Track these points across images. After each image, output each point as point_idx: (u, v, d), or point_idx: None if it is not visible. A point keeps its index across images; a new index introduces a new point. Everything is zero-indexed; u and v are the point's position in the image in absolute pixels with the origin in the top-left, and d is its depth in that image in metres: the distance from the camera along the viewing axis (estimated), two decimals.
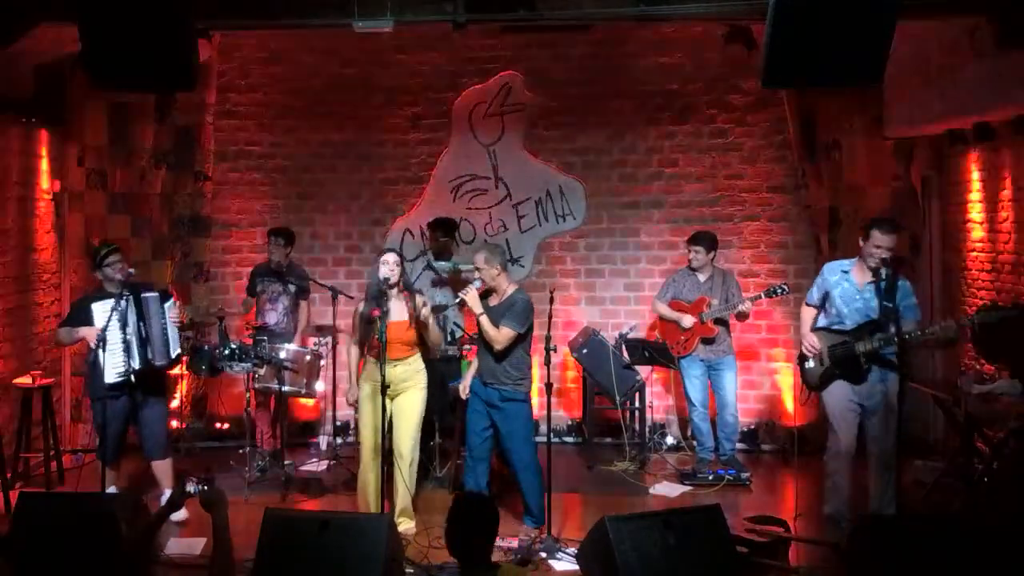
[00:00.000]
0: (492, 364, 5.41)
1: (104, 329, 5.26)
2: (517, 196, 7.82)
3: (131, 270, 5.50)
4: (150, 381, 5.58)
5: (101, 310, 5.34)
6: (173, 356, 5.65)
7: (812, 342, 5.26)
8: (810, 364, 5.28)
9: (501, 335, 5.30)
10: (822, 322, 5.34)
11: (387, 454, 5.36)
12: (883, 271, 5.05)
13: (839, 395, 5.20)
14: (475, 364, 5.62)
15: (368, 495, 5.42)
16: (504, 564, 3.59)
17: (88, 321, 5.39)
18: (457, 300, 5.48)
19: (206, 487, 3.52)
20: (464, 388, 5.63)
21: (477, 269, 5.41)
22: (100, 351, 5.31)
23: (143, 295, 5.55)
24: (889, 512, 5.05)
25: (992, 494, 5.63)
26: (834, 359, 5.16)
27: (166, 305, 5.62)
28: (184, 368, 6.84)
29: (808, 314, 5.47)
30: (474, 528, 3.28)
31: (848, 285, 5.19)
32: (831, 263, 5.46)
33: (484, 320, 5.34)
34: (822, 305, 5.37)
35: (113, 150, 7.24)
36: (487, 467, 5.64)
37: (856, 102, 7.06)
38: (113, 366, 5.39)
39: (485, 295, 5.46)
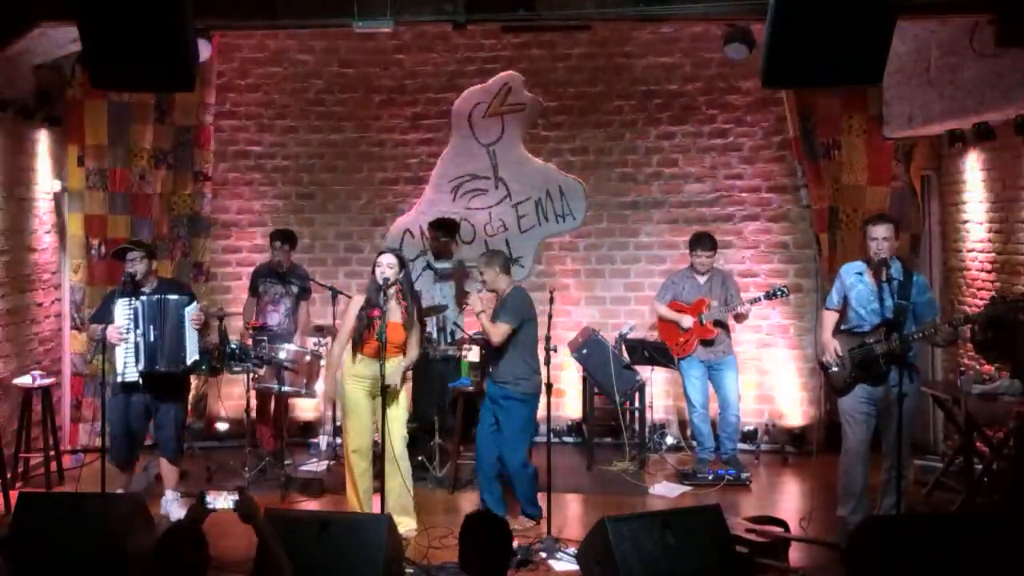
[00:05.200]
0: (496, 361, 5.53)
1: (113, 326, 5.28)
2: (517, 196, 7.81)
3: (133, 271, 5.47)
4: (165, 384, 5.56)
5: (120, 305, 5.36)
6: (189, 363, 5.57)
7: (832, 348, 5.23)
8: (834, 369, 5.24)
9: (496, 330, 5.41)
10: (843, 326, 5.32)
11: (377, 457, 5.36)
12: (894, 267, 5.05)
13: (853, 395, 5.17)
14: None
15: (361, 498, 5.39)
16: None
17: (110, 315, 5.40)
18: (470, 294, 5.51)
19: (240, 498, 3.35)
20: None
21: (480, 273, 5.49)
22: (112, 348, 5.32)
23: (160, 297, 5.51)
24: (889, 512, 5.05)
25: (992, 494, 5.64)
26: (855, 362, 5.14)
27: (187, 309, 5.54)
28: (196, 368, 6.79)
29: (828, 319, 5.39)
30: (484, 549, 3.22)
31: (863, 287, 5.16)
32: (847, 265, 5.40)
33: (483, 317, 5.47)
34: (843, 309, 5.32)
35: (113, 150, 7.23)
36: (499, 483, 5.61)
37: (856, 102, 7.06)
38: (122, 365, 5.41)
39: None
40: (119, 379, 5.41)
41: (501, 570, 3.26)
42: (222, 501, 3.35)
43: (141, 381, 5.40)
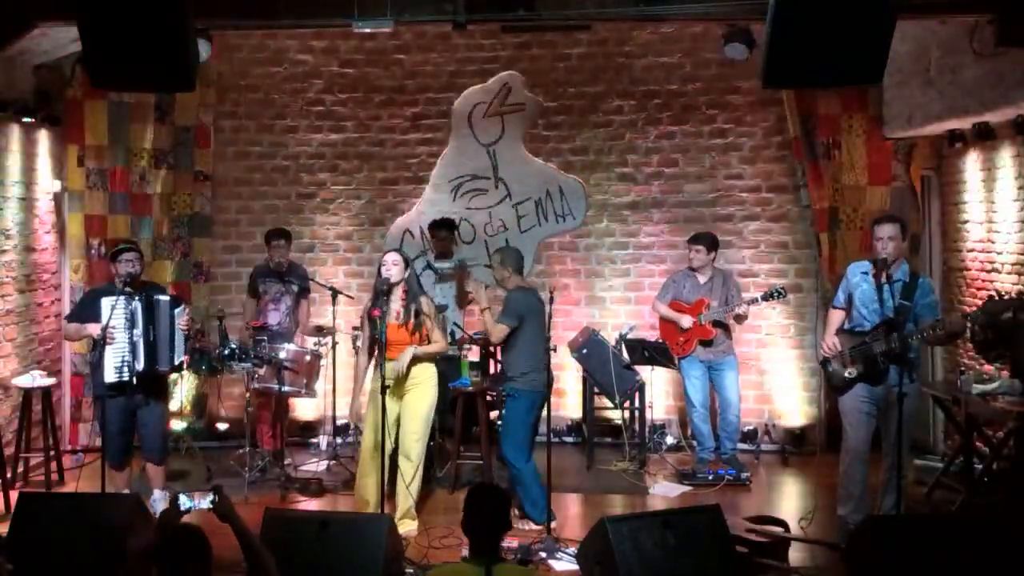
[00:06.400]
0: (504, 360, 5.70)
1: (107, 326, 5.26)
2: (517, 196, 7.81)
3: (132, 270, 5.48)
4: (151, 384, 5.57)
5: (109, 305, 5.32)
6: (177, 363, 5.63)
7: (831, 343, 5.22)
8: (833, 366, 5.23)
9: (495, 329, 5.52)
10: (847, 325, 5.31)
11: (391, 454, 5.36)
12: (900, 269, 5.05)
13: (853, 394, 5.17)
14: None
15: (367, 495, 5.40)
16: (507, 564, 3.59)
17: (96, 314, 5.38)
18: (470, 289, 5.56)
19: (216, 497, 3.32)
20: None
21: (494, 268, 5.58)
22: (102, 348, 5.31)
23: (156, 298, 5.54)
24: (889, 512, 5.05)
25: (992, 494, 5.64)
26: (854, 360, 5.14)
27: (176, 311, 5.59)
28: (184, 368, 6.82)
29: (834, 317, 5.39)
30: (481, 518, 3.39)
31: (867, 286, 5.13)
32: (853, 264, 5.39)
33: (487, 315, 5.57)
34: (848, 307, 5.32)
35: (113, 150, 7.24)
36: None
37: (856, 102, 7.06)
38: (114, 365, 5.38)
39: None
40: (117, 378, 5.40)
41: (496, 538, 3.42)
42: (200, 502, 3.31)
43: (134, 381, 5.40)
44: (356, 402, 5.57)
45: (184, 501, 3.30)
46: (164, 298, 5.60)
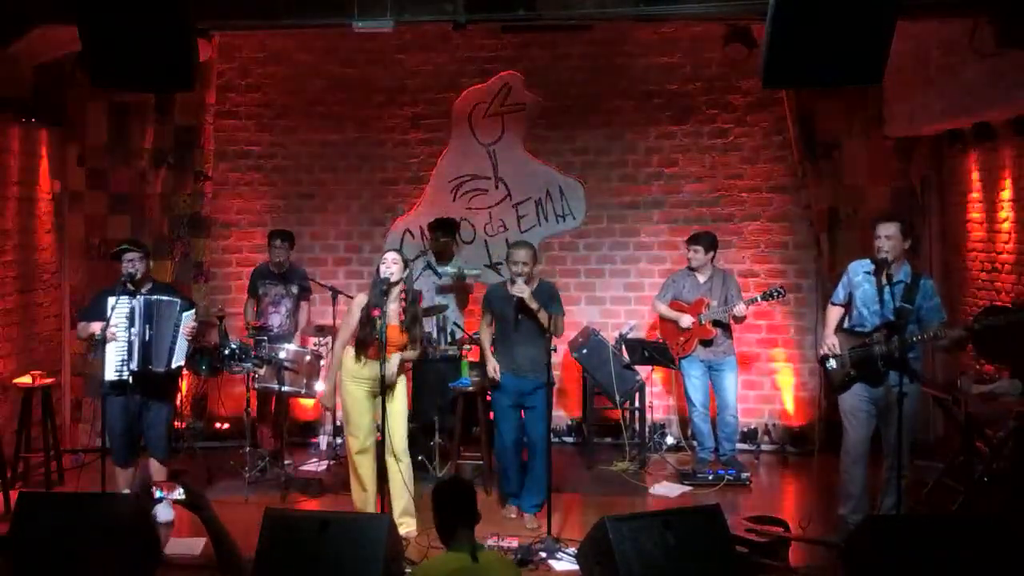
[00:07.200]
0: (534, 354, 5.53)
1: (108, 324, 5.27)
2: (517, 196, 7.82)
3: (133, 270, 5.48)
4: (154, 384, 5.57)
5: (111, 304, 5.34)
6: (174, 366, 5.59)
7: (832, 343, 5.21)
8: (832, 365, 5.22)
9: (561, 321, 5.53)
10: (847, 324, 5.30)
11: (379, 455, 5.36)
12: (902, 270, 5.04)
13: (853, 394, 5.17)
14: (490, 360, 5.67)
15: (368, 498, 5.40)
16: (489, 552, 3.61)
17: (102, 313, 5.40)
18: (515, 298, 5.45)
19: (187, 492, 3.31)
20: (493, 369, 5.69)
21: (524, 264, 5.48)
22: (103, 346, 5.32)
23: (157, 298, 5.53)
24: (889, 512, 5.04)
25: (992, 494, 5.64)
26: (853, 361, 5.14)
27: (185, 314, 5.56)
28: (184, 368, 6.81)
29: (833, 313, 5.37)
30: (453, 512, 3.43)
31: (868, 286, 5.12)
32: (855, 262, 5.35)
33: (544, 314, 5.43)
34: (848, 304, 5.30)
35: (113, 150, 7.25)
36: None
37: (856, 102, 7.07)
38: (115, 364, 5.40)
39: None
40: (116, 376, 5.41)
41: (472, 528, 3.44)
42: (170, 493, 3.30)
43: (131, 380, 5.40)
44: (330, 387, 5.50)
45: (157, 491, 3.33)
46: (171, 299, 5.58)
